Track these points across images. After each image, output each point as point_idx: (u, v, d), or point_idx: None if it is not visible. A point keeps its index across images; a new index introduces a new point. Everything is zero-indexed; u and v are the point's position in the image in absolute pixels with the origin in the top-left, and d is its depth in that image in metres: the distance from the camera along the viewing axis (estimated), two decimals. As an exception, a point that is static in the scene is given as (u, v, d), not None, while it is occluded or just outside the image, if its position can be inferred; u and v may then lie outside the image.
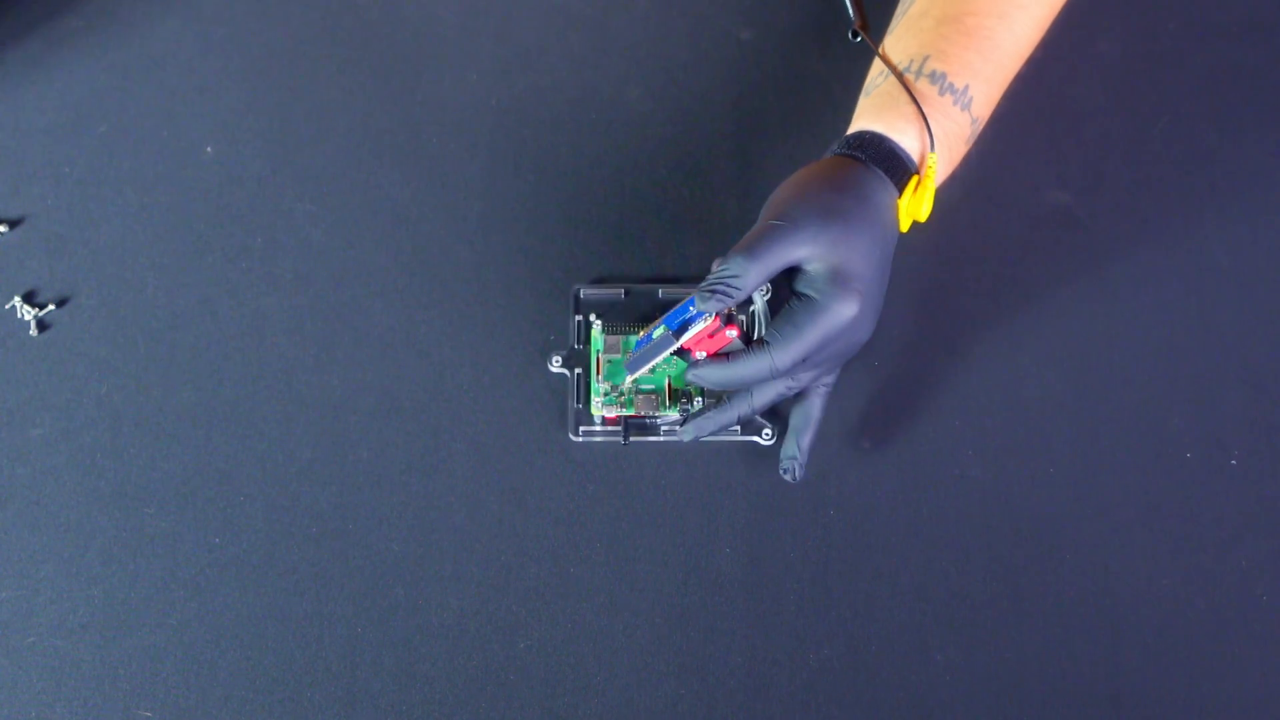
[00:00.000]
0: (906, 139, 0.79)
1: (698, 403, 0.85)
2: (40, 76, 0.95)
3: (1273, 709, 0.81)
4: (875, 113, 0.81)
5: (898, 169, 0.79)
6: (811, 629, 0.82)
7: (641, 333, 0.84)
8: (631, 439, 0.86)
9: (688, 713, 0.81)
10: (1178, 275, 0.90)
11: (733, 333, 0.78)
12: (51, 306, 0.89)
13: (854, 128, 0.81)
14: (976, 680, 0.81)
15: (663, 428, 0.86)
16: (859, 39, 0.86)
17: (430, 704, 0.81)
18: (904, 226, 0.80)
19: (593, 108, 0.94)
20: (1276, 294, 0.90)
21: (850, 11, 0.88)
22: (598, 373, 0.86)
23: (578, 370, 0.87)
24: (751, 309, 0.84)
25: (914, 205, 0.79)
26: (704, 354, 0.78)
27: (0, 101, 0.95)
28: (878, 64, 0.84)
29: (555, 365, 0.87)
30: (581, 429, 0.86)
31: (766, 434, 0.86)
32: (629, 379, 0.82)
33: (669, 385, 0.86)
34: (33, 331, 0.89)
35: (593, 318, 0.88)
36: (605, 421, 0.86)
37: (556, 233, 0.91)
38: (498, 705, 0.81)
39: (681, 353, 0.79)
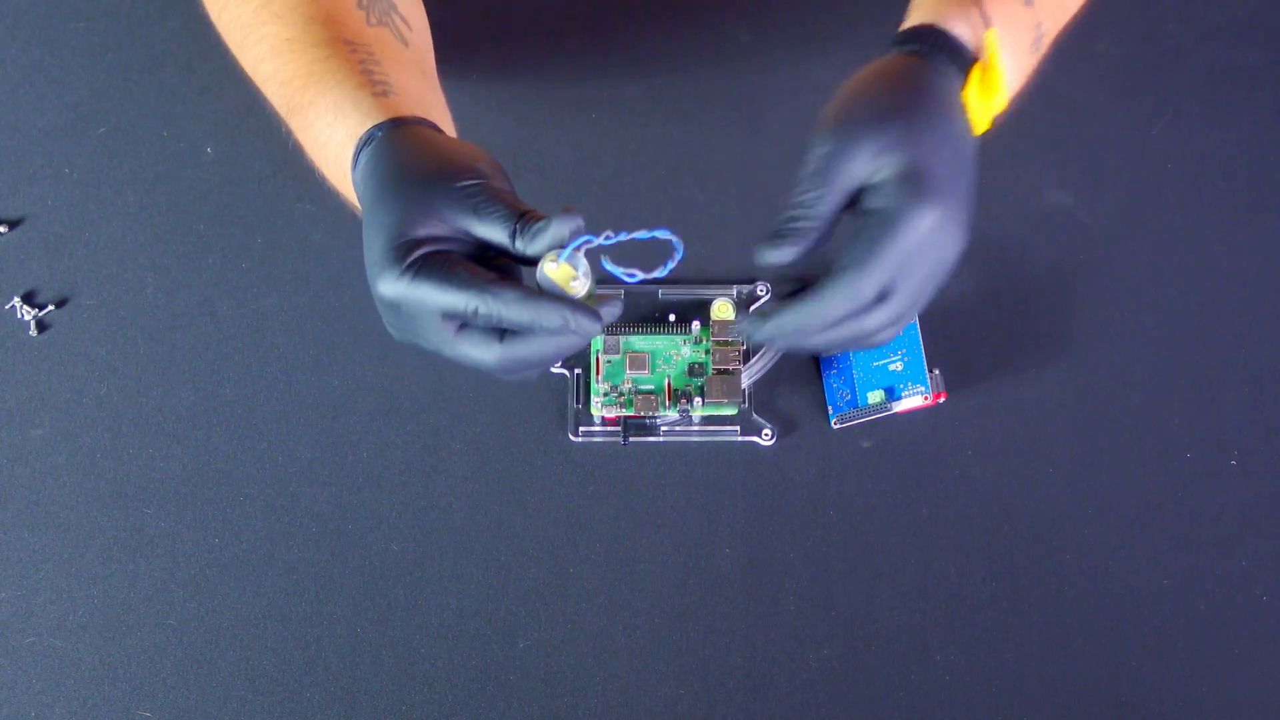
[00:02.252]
0: (962, 27, 0.70)
1: (697, 403, 0.85)
2: (41, 77, 0.95)
3: (1273, 709, 0.81)
4: (925, 11, 0.72)
5: (961, 60, 0.70)
6: (811, 629, 0.82)
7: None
8: (631, 439, 0.86)
9: (688, 713, 0.81)
10: (1178, 275, 0.90)
11: None
12: (51, 306, 0.89)
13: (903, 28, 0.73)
14: (976, 680, 0.81)
15: (662, 428, 0.86)
16: None
17: (430, 704, 0.81)
18: (979, 126, 0.71)
19: (593, 108, 0.94)
20: (1276, 294, 0.90)
21: None
22: (598, 373, 0.86)
23: (578, 370, 0.87)
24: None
25: (984, 96, 0.71)
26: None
27: (0, 101, 0.95)
28: None
29: (555, 366, 0.87)
30: (581, 429, 0.86)
31: (766, 434, 0.86)
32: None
33: (669, 385, 0.86)
34: (33, 331, 0.89)
35: (593, 318, 0.88)
36: (605, 421, 0.86)
37: (556, 233, 0.91)
38: (498, 705, 0.81)
39: None
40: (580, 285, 0.63)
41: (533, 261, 0.63)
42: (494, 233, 0.63)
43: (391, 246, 0.62)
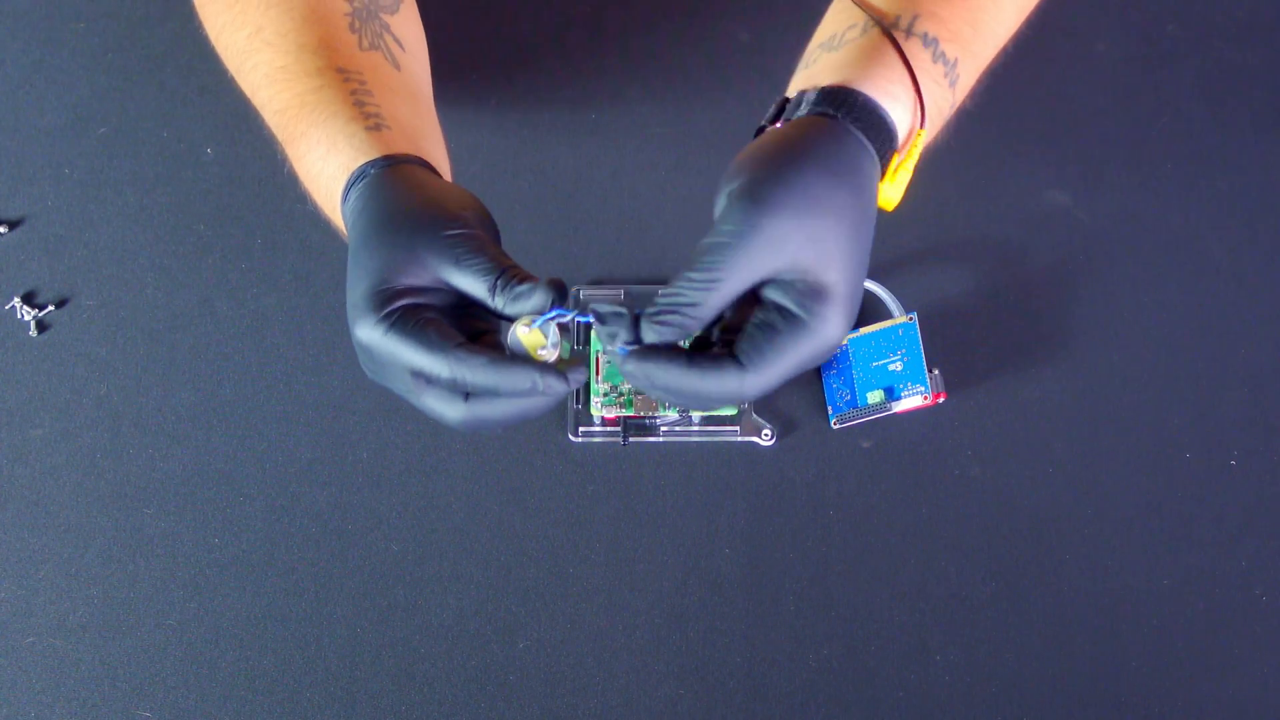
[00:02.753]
0: (897, 108, 0.66)
1: (698, 403, 0.85)
2: (40, 77, 0.95)
3: (1273, 709, 0.81)
4: (854, 68, 0.66)
5: (882, 141, 0.65)
6: (811, 629, 0.82)
7: None
8: (631, 439, 0.86)
9: (688, 713, 0.81)
10: (1178, 275, 0.90)
11: None
12: (51, 307, 0.89)
13: (820, 82, 0.67)
14: (976, 680, 0.81)
15: (662, 428, 0.86)
16: None
17: (430, 704, 0.81)
18: (881, 205, 0.68)
19: (592, 108, 0.94)
20: (1276, 294, 0.90)
21: None
22: (597, 373, 0.86)
23: (578, 370, 0.87)
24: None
25: (890, 192, 0.67)
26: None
27: (0, 102, 0.95)
28: (841, 10, 0.70)
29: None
30: (581, 429, 0.86)
31: (766, 434, 0.86)
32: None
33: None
34: (32, 332, 0.89)
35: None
36: (605, 422, 0.86)
37: (556, 233, 0.91)
38: (497, 705, 0.81)
39: None
40: (549, 354, 0.62)
41: (509, 318, 0.62)
42: (473, 286, 0.62)
43: (372, 293, 0.62)
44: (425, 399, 0.62)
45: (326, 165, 0.69)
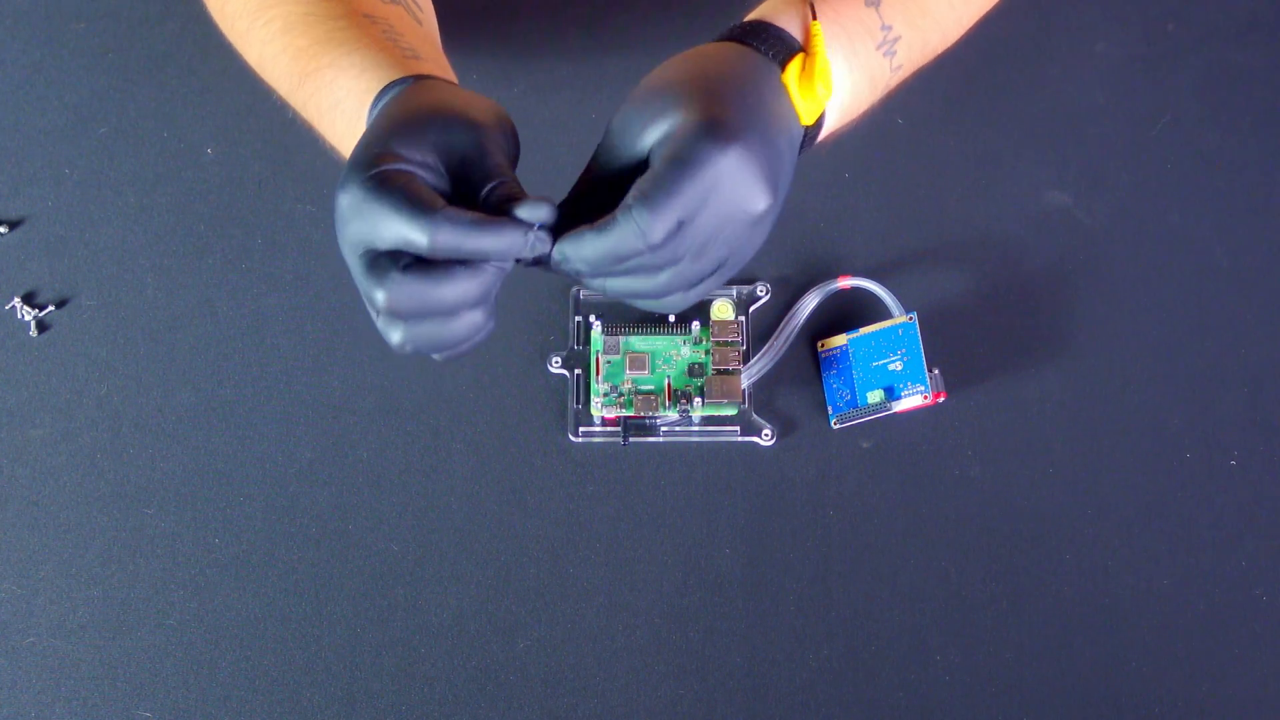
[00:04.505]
0: (790, 23, 0.67)
1: (697, 403, 0.85)
2: (41, 77, 0.95)
3: (1273, 709, 0.81)
4: (754, 13, 0.69)
5: (786, 50, 0.66)
6: (811, 629, 0.82)
7: None
8: (631, 439, 0.86)
9: (688, 713, 0.81)
10: (1178, 275, 0.90)
11: None
12: (51, 307, 0.89)
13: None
14: (976, 680, 0.81)
15: (662, 428, 0.86)
16: None
17: (430, 704, 0.81)
18: (806, 117, 0.67)
19: (593, 108, 0.94)
20: (1276, 294, 0.90)
21: None
22: (597, 373, 0.86)
23: (577, 371, 0.87)
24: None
25: (806, 83, 0.66)
26: None
27: (0, 102, 0.95)
28: None
29: (555, 366, 0.87)
30: (581, 429, 0.86)
31: (766, 434, 0.86)
32: None
33: (669, 385, 0.86)
34: (33, 332, 0.89)
35: (592, 319, 0.88)
36: (605, 422, 0.86)
37: (556, 233, 0.91)
38: (497, 705, 0.81)
39: None
40: None
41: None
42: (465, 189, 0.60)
43: (364, 149, 0.59)
44: (362, 274, 0.61)
45: (359, 82, 0.66)
